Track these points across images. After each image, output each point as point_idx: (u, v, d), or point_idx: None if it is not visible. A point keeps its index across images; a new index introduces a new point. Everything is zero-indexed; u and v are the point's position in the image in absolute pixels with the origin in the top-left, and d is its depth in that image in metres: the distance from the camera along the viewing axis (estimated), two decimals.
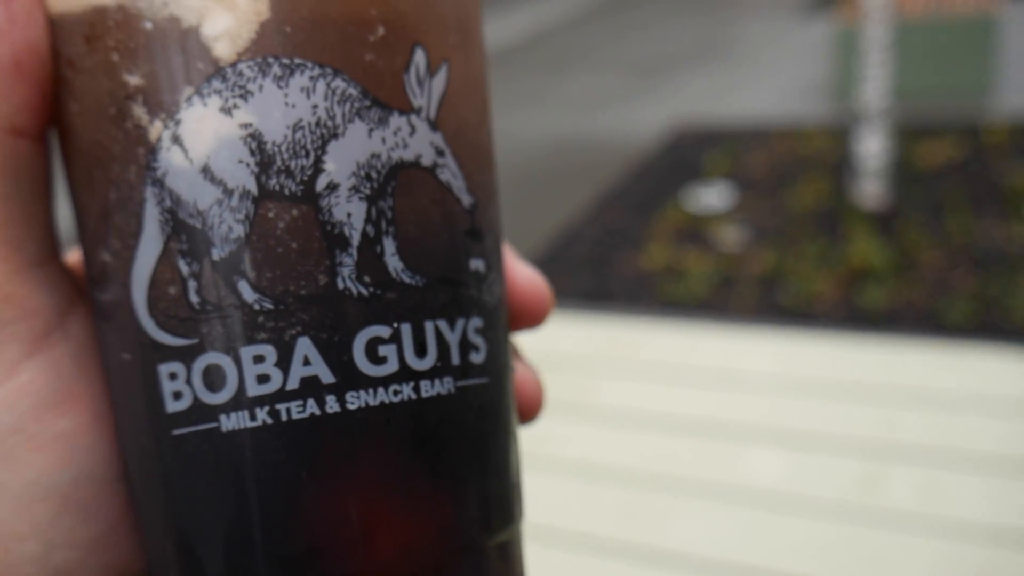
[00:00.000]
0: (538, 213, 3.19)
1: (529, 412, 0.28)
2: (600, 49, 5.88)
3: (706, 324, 2.12)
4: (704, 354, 1.93)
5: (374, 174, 0.22)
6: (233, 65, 0.21)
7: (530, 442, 1.55)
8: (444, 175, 0.23)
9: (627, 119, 4.28)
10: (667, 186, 3.28)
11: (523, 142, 4.02)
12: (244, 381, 0.21)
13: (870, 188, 2.84)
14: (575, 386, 1.75)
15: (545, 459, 1.53)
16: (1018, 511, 1.38)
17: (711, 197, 3.09)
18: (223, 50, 0.21)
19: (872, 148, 2.81)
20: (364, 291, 0.22)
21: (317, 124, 0.21)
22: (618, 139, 3.96)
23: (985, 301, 2.24)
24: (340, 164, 0.22)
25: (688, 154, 3.61)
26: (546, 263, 2.77)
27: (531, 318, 0.28)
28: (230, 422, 0.21)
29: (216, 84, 0.21)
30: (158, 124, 0.21)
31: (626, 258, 2.73)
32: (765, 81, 4.71)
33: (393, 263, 0.22)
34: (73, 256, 0.26)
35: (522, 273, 0.28)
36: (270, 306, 0.21)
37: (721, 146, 3.61)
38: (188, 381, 0.21)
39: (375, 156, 0.22)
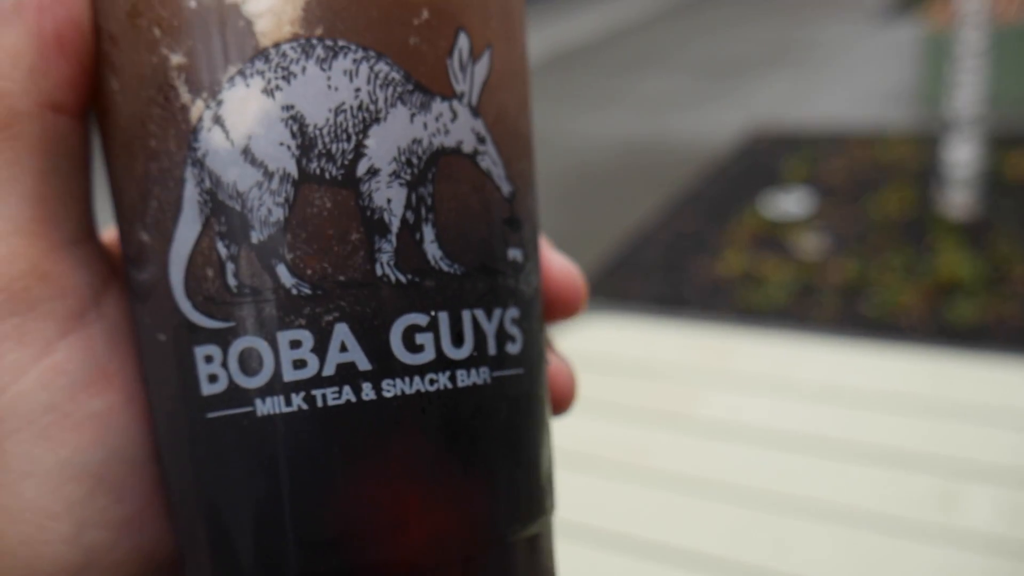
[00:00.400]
0: (609, 215, 3.15)
1: (562, 404, 0.28)
2: (673, 51, 5.81)
3: (789, 334, 2.07)
4: (791, 366, 1.88)
5: (415, 160, 0.22)
6: (276, 46, 0.20)
7: (624, 452, 1.51)
8: (484, 162, 0.23)
9: (701, 122, 4.21)
10: (743, 191, 3.21)
11: (595, 143, 3.99)
12: (280, 366, 0.21)
13: (959, 198, 2.74)
14: (671, 394, 1.72)
15: (645, 470, 1.51)
16: None
17: (789, 203, 3.02)
18: (266, 30, 0.20)
19: (963, 156, 2.71)
20: (402, 278, 0.21)
21: (359, 108, 0.21)
22: (692, 142, 3.90)
23: None
24: (381, 149, 0.21)
25: (764, 159, 3.53)
26: (617, 266, 2.73)
27: (565, 309, 0.28)
28: (265, 406, 0.21)
29: (259, 65, 0.20)
30: (200, 103, 0.21)
31: (701, 264, 2.68)
32: (842, 86, 4.59)
33: (432, 250, 0.22)
34: (109, 235, 0.26)
35: (557, 263, 0.28)
36: (308, 291, 0.21)
37: (798, 151, 3.53)
38: (224, 364, 0.21)
39: (416, 141, 0.22)
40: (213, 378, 0.21)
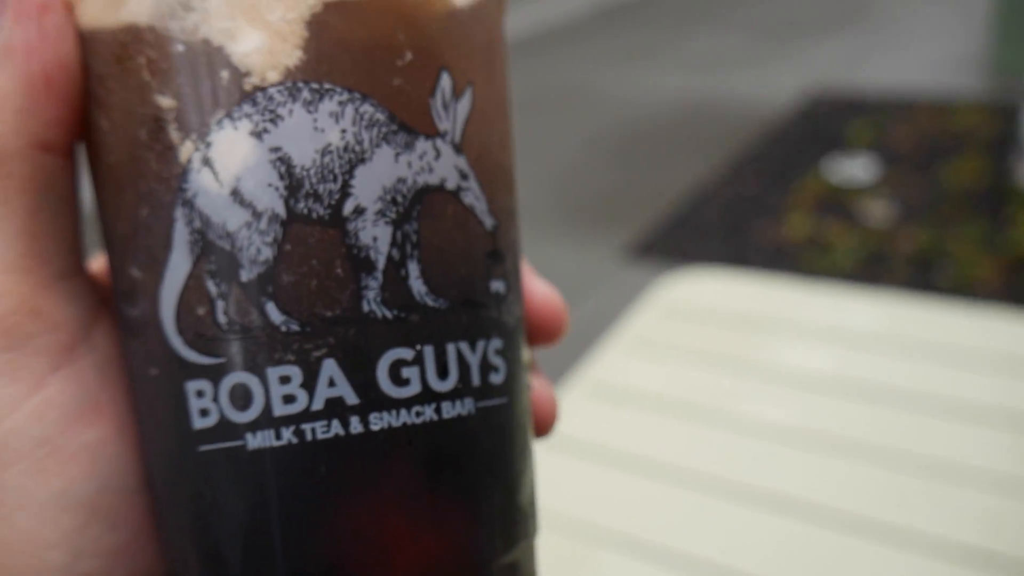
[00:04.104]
0: (663, 173, 3.07)
1: (544, 427, 0.29)
2: (722, 9, 5.65)
3: (864, 295, 2.00)
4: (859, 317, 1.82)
5: (400, 198, 0.22)
6: (263, 90, 0.21)
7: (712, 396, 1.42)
8: (468, 198, 0.23)
9: (756, 83, 4.09)
10: (805, 154, 3.11)
11: (645, 100, 3.89)
12: (270, 401, 0.21)
13: None
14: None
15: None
16: None
17: (854, 169, 2.92)
18: (253, 74, 0.21)
19: None
20: (388, 314, 0.22)
21: (345, 149, 0.21)
22: (748, 103, 3.79)
23: None
24: (367, 188, 0.22)
25: (826, 122, 3.42)
26: (673, 227, 2.66)
27: (547, 335, 0.29)
28: (256, 440, 0.21)
29: (247, 108, 0.21)
30: (189, 145, 0.21)
31: (763, 227, 2.60)
32: (907, 50, 4.44)
33: (417, 286, 0.22)
34: (97, 264, 0.26)
35: (539, 291, 0.28)
36: (296, 328, 0.21)
37: (862, 116, 3.41)
38: (215, 399, 0.22)
39: (401, 180, 0.22)
40: (204, 412, 0.22)
